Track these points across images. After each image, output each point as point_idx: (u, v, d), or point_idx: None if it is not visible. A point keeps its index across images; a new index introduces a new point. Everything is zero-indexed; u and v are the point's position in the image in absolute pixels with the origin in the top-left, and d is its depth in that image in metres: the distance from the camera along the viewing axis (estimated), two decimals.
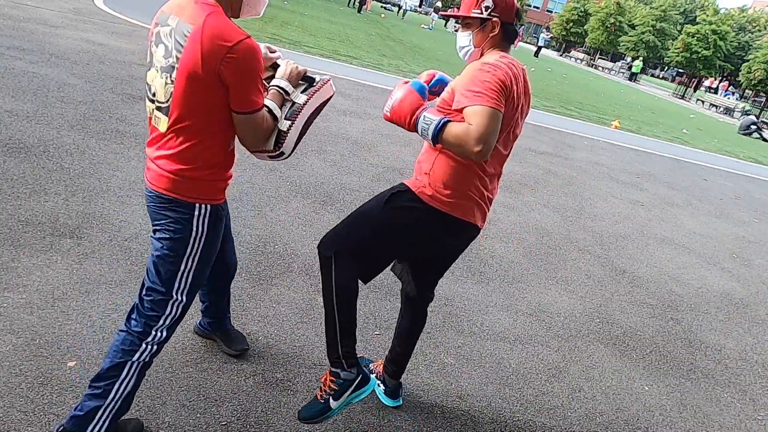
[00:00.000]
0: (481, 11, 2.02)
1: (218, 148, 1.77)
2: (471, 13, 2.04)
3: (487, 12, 2.02)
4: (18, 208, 3.13)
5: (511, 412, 2.63)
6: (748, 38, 51.05)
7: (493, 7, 2.01)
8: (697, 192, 8.71)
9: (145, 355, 1.83)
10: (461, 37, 2.10)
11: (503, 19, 2.03)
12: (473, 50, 2.08)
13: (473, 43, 2.07)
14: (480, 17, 2.02)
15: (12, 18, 7.24)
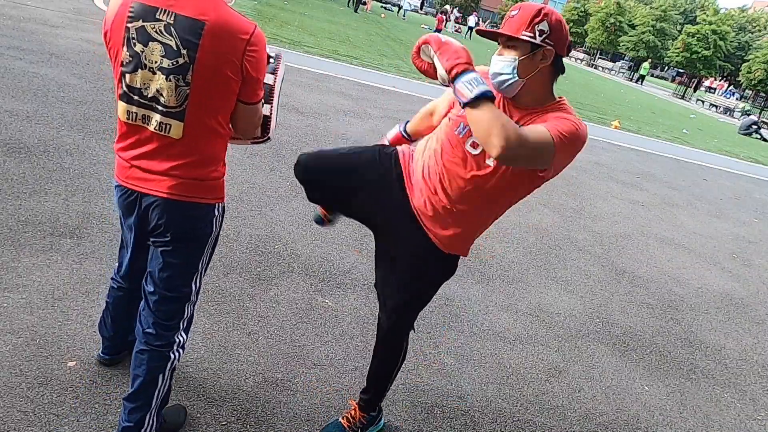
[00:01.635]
0: (534, 35, 1.63)
1: (225, 144, 1.75)
2: (521, 35, 1.63)
3: (541, 38, 1.63)
4: (18, 208, 3.13)
5: (511, 412, 2.63)
6: (748, 38, 51.08)
7: (549, 32, 1.64)
8: (697, 192, 8.71)
9: (174, 361, 1.84)
10: (501, 62, 1.68)
11: (558, 50, 1.67)
12: (515, 81, 1.67)
13: (518, 72, 1.66)
14: (531, 41, 1.63)
15: (12, 18, 7.24)
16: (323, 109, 7.19)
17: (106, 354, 2.22)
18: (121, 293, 2.05)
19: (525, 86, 1.69)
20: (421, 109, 2.18)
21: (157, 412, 1.86)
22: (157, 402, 1.84)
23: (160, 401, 1.85)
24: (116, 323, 2.11)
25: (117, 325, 2.11)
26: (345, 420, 2.22)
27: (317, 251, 3.61)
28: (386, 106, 8.50)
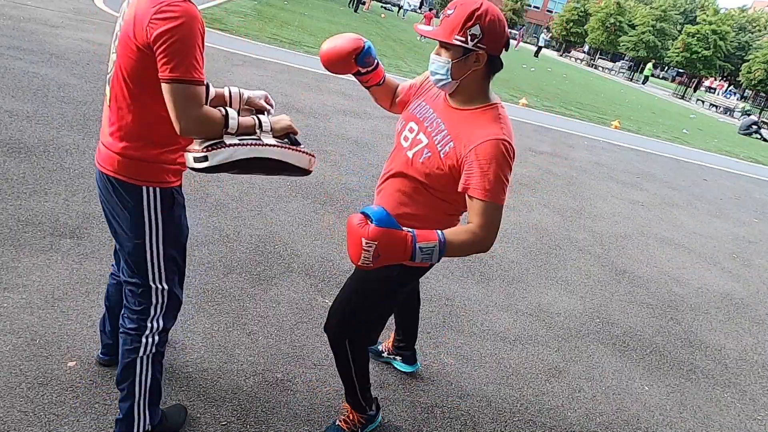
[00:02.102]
0: (466, 40, 1.66)
1: (161, 125, 1.64)
2: (453, 40, 1.66)
3: (473, 42, 1.66)
4: (18, 208, 3.13)
5: (511, 412, 2.63)
6: (748, 38, 51.07)
7: (481, 36, 1.65)
8: (697, 192, 8.71)
9: (149, 347, 1.82)
10: (436, 62, 1.74)
11: (490, 51, 1.69)
12: (449, 82, 1.74)
13: (450, 74, 1.72)
14: (463, 46, 1.67)
15: (12, 18, 7.24)
16: (323, 109, 7.19)
17: (105, 355, 2.22)
18: (115, 286, 2.07)
19: (460, 85, 1.76)
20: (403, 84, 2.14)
21: (147, 406, 1.86)
22: (143, 393, 1.83)
23: (146, 393, 1.85)
24: (113, 319, 2.10)
25: (115, 320, 2.07)
26: (343, 422, 2.22)
27: (317, 251, 3.61)
28: None
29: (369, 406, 2.23)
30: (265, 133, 1.74)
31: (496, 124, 1.71)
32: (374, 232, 1.59)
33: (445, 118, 1.79)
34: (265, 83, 7.43)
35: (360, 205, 4.52)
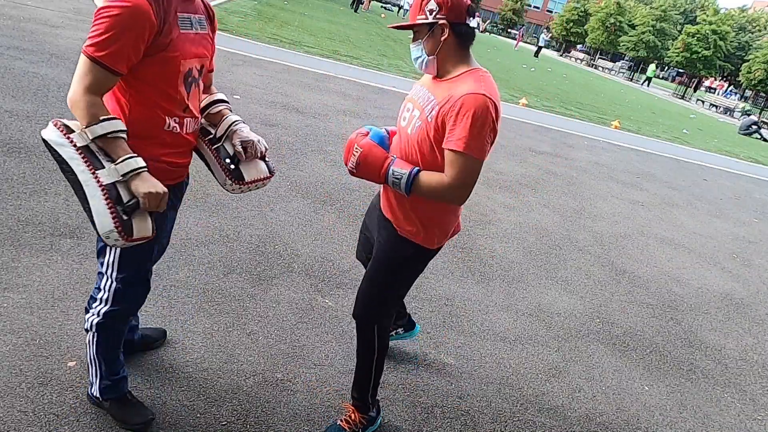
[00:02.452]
0: (426, 16, 1.83)
1: (139, 116, 1.65)
2: (417, 20, 1.85)
3: (432, 15, 1.82)
4: (18, 208, 3.13)
5: (511, 412, 2.63)
6: (748, 38, 51.07)
7: (438, 9, 1.81)
8: (697, 192, 8.71)
9: (91, 320, 1.89)
10: (414, 49, 1.91)
11: (451, 20, 1.82)
12: (427, 59, 1.89)
13: (425, 51, 1.88)
14: (426, 23, 1.83)
15: (12, 18, 7.24)
16: (323, 109, 7.19)
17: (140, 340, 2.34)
18: None
19: (438, 60, 1.89)
20: None
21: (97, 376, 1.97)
22: (91, 362, 1.96)
23: (93, 364, 1.95)
24: None
25: None
26: (344, 422, 2.23)
27: (317, 251, 3.61)
28: (386, 106, 8.49)
29: (373, 405, 2.27)
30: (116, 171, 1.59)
31: (476, 83, 1.80)
32: (365, 142, 1.91)
33: (433, 89, 1.91)
34: (265, 83, 7.43)
35: (360, 205, 4.52)
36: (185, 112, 1.77)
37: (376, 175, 1.89)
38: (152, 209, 1.63)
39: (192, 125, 1.83)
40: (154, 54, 1.60)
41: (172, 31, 1.63)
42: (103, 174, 1.59)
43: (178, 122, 1.74)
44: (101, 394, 1.99)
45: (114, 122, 1.58)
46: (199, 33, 1.77)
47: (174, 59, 1.65)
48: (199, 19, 1.78)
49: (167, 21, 1.61)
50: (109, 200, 1.58)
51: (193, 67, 1.75)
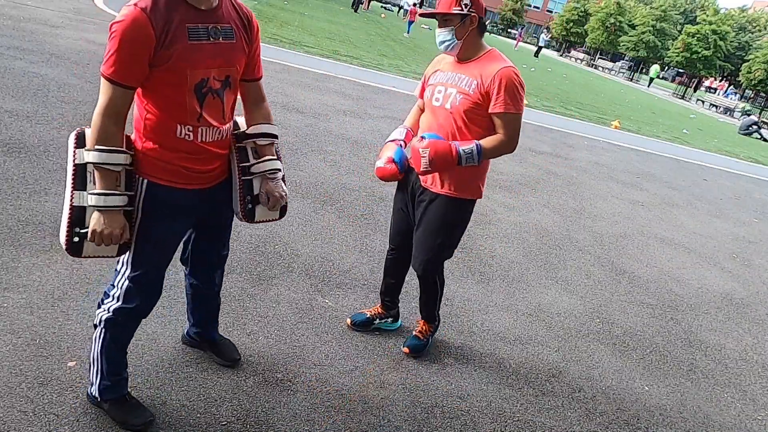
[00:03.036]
0: (462, 8, 2.33)
1: (154, 122, 1.76)
2: (453, 11, 2.33)
3: (467, 9, 2.34)
4: (18, 208, 3.13)
5: (511, 412, 2.63)
6: (748, 38, 51.06)
7: (470, 3, 2.34)
8: (697, 192, 8.71)
9: (101, 315, 1.93)
10: (442, 33, 2.38)
11: (479, 14, 2.38)
12: (456, 43, 2.38)
13: (456, 36, 2.37)
14: (461, 14, 2.33)
15: (12, 18, 7.24)
16: (323, 109, 7.19)
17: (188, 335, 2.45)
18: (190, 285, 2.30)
19: (463, 45, 2.40)
20: (411, 112, 2.83)
21: (98, 374, 1.98)
22: (94, 360, 1.98)
23: (97, 361, 1.98)
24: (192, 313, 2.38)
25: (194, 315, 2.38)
26: (419, 333, 2.88)
27: (317, 251, 3.61)
28: (386, 106, 8.50)
29: (438, 317, 2.90)
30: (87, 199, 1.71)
31: (501, 60, 2.39)
32: (427, 142, 2.36)
33: (461, 71, 2.44)
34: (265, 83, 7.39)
35: (360, 205, 4.52)
36: (199, 122, 1.79)
37: (451, 160, 2.34)
38: (100, 244, 1.72)
39: (210, 134, 1.83)
40: (158, 65, 1.66)
41: (176, 43, 1.66)
42: (78, 196, 1.72)
43: (192, 131, 1.78)
44: (100, 394, 2.00)
45: (108, 155, 1.68)
46: (221, 43, 1.77)
47: (179, 70, 1.69)
48: (224, 29, 1.78)
49: (169, 33, 1.64)
50: (69, 219, 1.71)
51: (209, 78, 1.76)
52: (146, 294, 1.93)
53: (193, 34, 1.70)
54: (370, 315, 2.95)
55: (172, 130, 1.76)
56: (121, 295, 1.89)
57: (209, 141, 1.83)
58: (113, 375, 1.99)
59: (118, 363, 2.00)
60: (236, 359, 2.43)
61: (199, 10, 1.71)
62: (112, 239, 1.72)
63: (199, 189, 1.89)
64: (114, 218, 1.71)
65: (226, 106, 1.87)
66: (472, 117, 2.39)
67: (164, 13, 1.63)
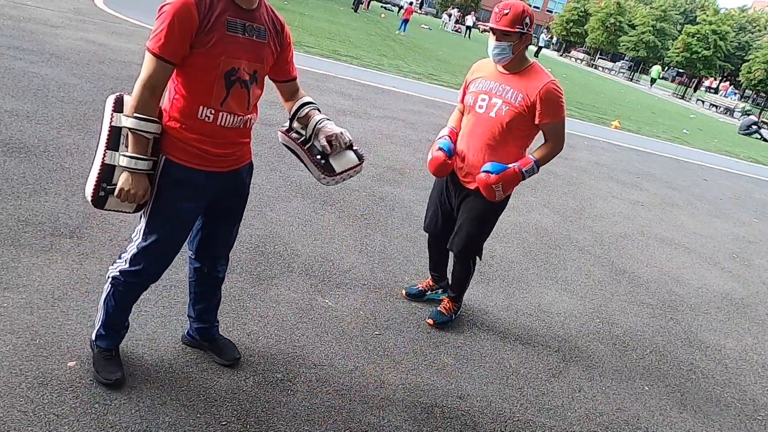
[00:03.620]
0: (523, 27, 2.64)
1: (181, 103, 1.91)
2: (515, 29, 2.62)
3: (526, 28, 2.66)
4: (18, 208, 3.13)
5: (511, 412, 2.63)
6: (748, 38, 51.03)
7: (529, 24, 2.67)
8: (697, 192, 8.71)
9: (111, 272, 2.10)
10: (500, 46, 2.67)
11: (531, 33, 2.71)
12: (510, 57, 2.70)
13: (512, 51, 2.68)
14: (521, 32, 2.64)
15: (12, 18, 7.24)
16: (323, 109, 7.14)
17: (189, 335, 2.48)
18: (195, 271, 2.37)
19: (515, 57, 2.72)
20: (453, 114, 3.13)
21: (101, 322, 2.15)
22: (100, 308, 2.15)
23: (102, 310, 2.14)
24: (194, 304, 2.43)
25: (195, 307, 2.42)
26: (444, 309, 3.17)
27: (317, 251, 3.61)
28: (386, 106, 8.50)
29: (461, 300, 3.24)
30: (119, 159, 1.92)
31: (544, 74, 2.75)
32: (495, 178, 2.71)
33: (506, 82, 2.75)
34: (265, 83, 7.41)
35: (360, 204, 4.53)
36: (222, 107, 1.93)
37: (518, 181, 2.76)
38: (123, 200, 1.91)
39: (231, 120, 1.98)
40: (197, 47, 1.83)
41: (216, 31, 1.84)
42: (110, 155, 1.92)
43: (213, 114, 1.93)
44: (96, 338, 2.20)
45: (145, 124, 1.85)
46: (253, 40, 1.95)
47: (214, 55, 1.85)
48: (258, 29, 1.96)
49: (211, 21, 1.82)
50: (99, 175, 1.92)
51: (241, 68, 1.93)
52: (152, 262, 2.07)
53: (231, 27, 1.88)
54: (422, 287, 3.37)
55: (195, 111, 1.91)
56: (128, 259, 2.06)
57: (229, 126, 1.98)
58: (109, 328, 2.17)
59: (116, 319, 2.17)
60: (236, 358, 2.44)
61: (240, 7, 1.90)
62: (136, 199, 1.91)
63: (213, 172, 2.02)
64: (140, 180, 1.90)
65: (252, 98, 2.03)
66: (513, 125, 2.73)
67: (209, 3, 1.82)
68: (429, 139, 7.22)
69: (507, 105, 2.70)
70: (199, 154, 1.96)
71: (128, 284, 2.09)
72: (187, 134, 1.93)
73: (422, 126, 7.87)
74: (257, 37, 1.96)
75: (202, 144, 1.95)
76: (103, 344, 2.19)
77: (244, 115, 2.02)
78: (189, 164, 1.96)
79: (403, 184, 5.30)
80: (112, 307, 2.13)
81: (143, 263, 2.05)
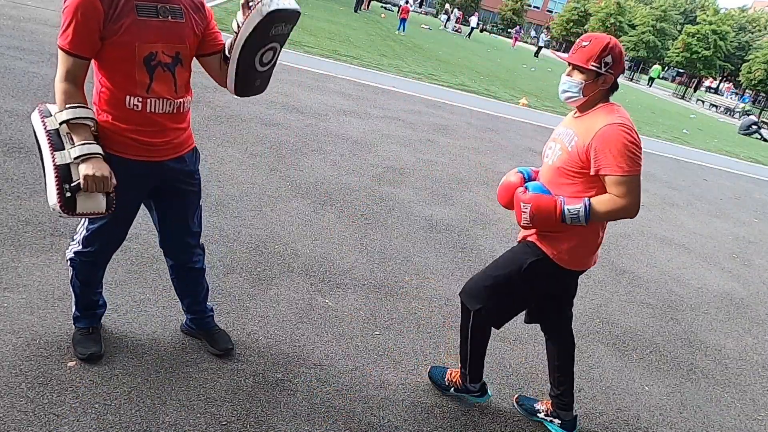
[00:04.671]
0: (601, 66, 2.09)
1: (107, 95, 1.92)
2: (590, 66, 2.09)
3: (605, 68, 2.09)
4: (18, 208, 3.13)
5: (511, 412, 2.63)
6: (748, 38, 51.04)
7: (612, 63, 2.09)
8: (697, 192, 8.71)
9: (68, 255, 2.17)
10: (568, 82, 2.16)
11: (616, 75, 2.13)
12: (579, 98, 2.15)
13: (582, 92, 2.13)
14: (597, 71, 2.09)
15: (12, 18, 7.24)
16: (323, 109, 7.19)
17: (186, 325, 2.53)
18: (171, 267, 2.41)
19: (588, 100, 2.16)
20: None
21: (74, 302, 2.25)
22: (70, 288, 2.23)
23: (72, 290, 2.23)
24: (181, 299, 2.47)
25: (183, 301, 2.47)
26: (449, 373, 2.64)
27: (317, 251, 3.61)
28: (386, 106, 8.50)
29: (469, 379, 2.54)
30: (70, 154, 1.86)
31: (611, 114, 2.10)
32: (530, 197, 2.15)
33: (572, 125, 2.22)
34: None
35: (360, 205, 4.52)
36: (149, 93, 1.91)
37: (553, 220, 2.12)
38: (94, 190, 1.85)
39: (161, 106, 1.95)
40: (108, 37, 1.81)
41: (125, 17, 1.80)
42: (60, 155, 1.85)
43: (141, 101, 1.91)
44: (73, 320, 2.29)
45: (79, 110, 1.85)
46: (170, 22, 1.90)
47: (127, 43, 1.83)
48: (173, 9, 1.91)
49: (118, 8, 1.79)
50: (57, 178, 1.83)
51: (158, 52, 1.89)
52: (104, 243, 2.15)
53: (142, 11, 1.84)
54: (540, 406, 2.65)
55: (122, 101, 1.90)
56: (80, 240, 2.13)
57: (160, 112, 1.96)
58: (82, 309, 2.26)
59: (86, 299, 2.24)
60: (229, 348, 2.47)
61: None
62: (104, 183, 1.86)
63: (150, 161, 2.01)
64: (101, 163, 1.86)
65: (179, 81, 1.98)
66: (565, 173, 2.17)
67: None
68: (429, 139, 7.23)
69: (562, 149, 2.19)
70: (135, 145, 1.96)
71: (84, 263, 2.16)
72: (119, 125, 1.92)
73: (422, 126, 7.88)
74: (173, 17, 1.91)
75: (135, 134, 1.94)
76: (81, 324, 2.29)
77: (175, 99, 1.98)
78: (126, 155, 1.96)
79: (403, 184, 5.30)
80: (78, 287, 2.21)
81: (96, 244, 2.12)
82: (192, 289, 2.42)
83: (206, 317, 2.49)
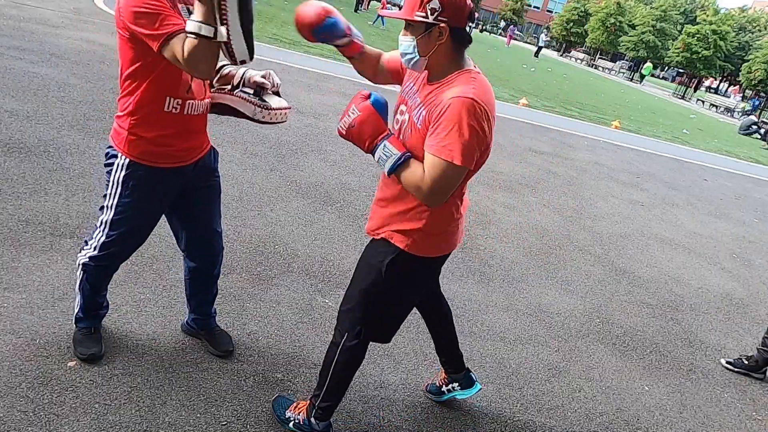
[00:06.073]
0: (426, 15, 1.68)
1: (138, 100, 1.87)
2: (414, 17, 1.70)
3: (433, 16, 1.68)
4: (18, 208, 3.13)
5: (511, 412, 2.63)
6: (748, 38, 51.00)
7: (441, 9, 1.67)
8: (697, 192, 8.70)
9: (80, 260, 2.15)
10: (403, 42, 1.77)
11: (452, 24, 1.70)
12: (419, 59, 1.76)
13: (418, 51, 1.74)
14: (425, 21, 1.69)
15: (12, 18, 7.24)
16: (323, 109, 7.19)
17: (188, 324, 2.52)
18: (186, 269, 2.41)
19: (430, 62, 1.77)
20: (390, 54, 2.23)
21: (78, 304, 2.24)
22: (77, 292, 2.22)
23: (78, 294, 2.22)
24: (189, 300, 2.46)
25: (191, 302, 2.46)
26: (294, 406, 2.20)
27: (317, 251, 3.61)
28: None
29: (316, 414, 2.10)
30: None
31: (465, 85, 1.70)
32: (365, 106, 1.77)
33: (422, 91, 1.82)
34: None
35: (360, 205, 4.52)
36: (188, 93, 1.91)
37: (365, 142, 1.78)
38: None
39: (194, 108, 1.96)
40: None
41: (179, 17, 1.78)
42: None
43: (180, 104, 1.91)
44: (75, 320, 2.29)
45: None
46: None
47: None
48: None
49: (175, 7, 1.79)
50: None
51: None
52: (123, 248, 2.14)
53: (183, 13, 1.83)
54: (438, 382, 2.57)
55: (161, 104, 1.87)
56: (97, 246, 2.10)
57: (194, 114, 1.97)
58: (86, 310, 2.25)
59: (91, 302, 2.24)
60: (229, 351, 2.47)
61: None
62: None
63: (179, 167, 2.02)
64: None
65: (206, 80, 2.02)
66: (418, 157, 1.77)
67: None
68: None
69: (410, 127, 1.82)
70: (165, 152, 1.95)
71: (98, 268, 2.15)
72: (153, 131, 1.91)
73: None
74: None
75: (168, 139, 1.94)
76: (83, 325, 2.28)
77: (203, 99, 2.01)
78: (154, 164, 1.95)
79: None
80: (88, 291, 2.20)
81: (113, 248, 2.10)
82: (205, 292, 2.43)
83: (209, 318, 2.49)
